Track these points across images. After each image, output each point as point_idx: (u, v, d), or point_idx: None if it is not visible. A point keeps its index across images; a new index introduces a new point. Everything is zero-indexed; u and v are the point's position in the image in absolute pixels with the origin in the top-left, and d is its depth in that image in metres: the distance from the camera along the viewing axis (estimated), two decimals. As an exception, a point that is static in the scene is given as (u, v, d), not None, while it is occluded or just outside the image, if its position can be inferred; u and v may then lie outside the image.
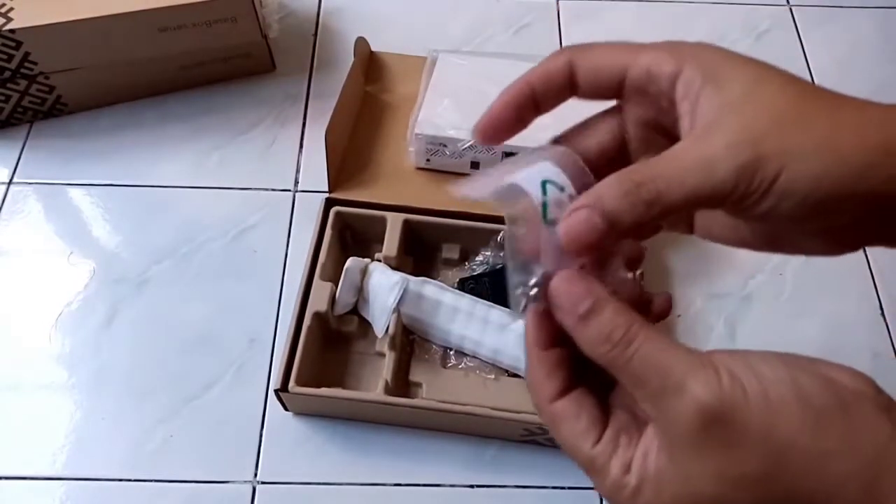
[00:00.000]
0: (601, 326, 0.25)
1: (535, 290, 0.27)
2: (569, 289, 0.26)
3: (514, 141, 0.31)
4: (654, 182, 0.24)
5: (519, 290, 0.27)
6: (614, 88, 0.28)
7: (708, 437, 0.23)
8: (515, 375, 0.62)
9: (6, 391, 0.63)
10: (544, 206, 0.27)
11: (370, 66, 0.79)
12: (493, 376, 0.62)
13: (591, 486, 0.60)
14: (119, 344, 0.65)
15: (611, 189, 0.25)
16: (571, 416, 0.27)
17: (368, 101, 0.76)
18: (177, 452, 0.60)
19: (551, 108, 0.30)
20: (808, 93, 0.26)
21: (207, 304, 0.67)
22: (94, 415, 0.62)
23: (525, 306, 0.28)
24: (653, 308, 0.31)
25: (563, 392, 0.27)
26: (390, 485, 0.60)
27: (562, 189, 0.27)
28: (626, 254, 0.29)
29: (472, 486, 0.60)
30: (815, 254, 0.29)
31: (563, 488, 0.60)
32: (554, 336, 0.28)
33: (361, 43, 0.76)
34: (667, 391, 0.23)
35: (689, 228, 0.32)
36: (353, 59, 0.73)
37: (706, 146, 0.25)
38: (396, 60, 0.79)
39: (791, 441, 0.22)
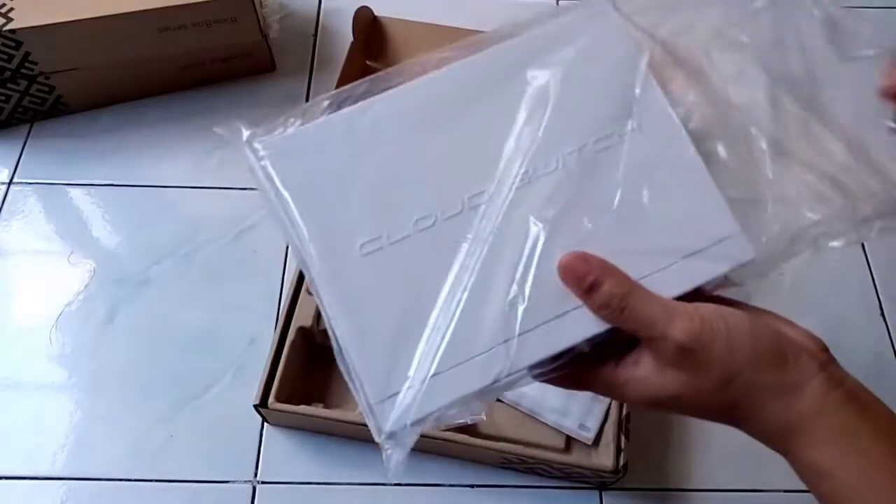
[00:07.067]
0: (601, 297, 0.33)
1: None
2: (574, 266, 0.33)
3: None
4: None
5: None
6: None
7: (684, 361, 0.32)
8: (499, 400, 0.61)
9: (7, 391, 0.63)
10: None
11: (371, 37, 0.76)
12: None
13: (592, 485, 0.60)
14: (119, 344, 0.65)
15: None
16: None
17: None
18: (177, 452, 0.61)
19: None
20: None
21: (208, 304, 0.68)
22: (94, 415, 0.62)
23: None
24: None
25: None
26: (390, 484, 0.60)
27: None
28: None
29: (472, 486, 0.60)
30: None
31: (562, 488, 0.60)
32: None
33: (362, 13, 0.73)
34: (654, 338, 0.32)
35: None
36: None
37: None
38: (400, 27, 0.76)
39: (739, 371, 0.32)
